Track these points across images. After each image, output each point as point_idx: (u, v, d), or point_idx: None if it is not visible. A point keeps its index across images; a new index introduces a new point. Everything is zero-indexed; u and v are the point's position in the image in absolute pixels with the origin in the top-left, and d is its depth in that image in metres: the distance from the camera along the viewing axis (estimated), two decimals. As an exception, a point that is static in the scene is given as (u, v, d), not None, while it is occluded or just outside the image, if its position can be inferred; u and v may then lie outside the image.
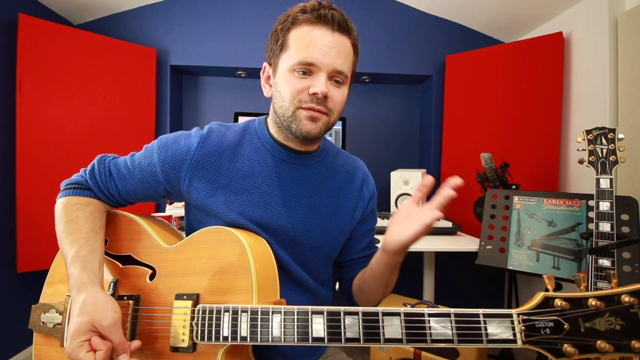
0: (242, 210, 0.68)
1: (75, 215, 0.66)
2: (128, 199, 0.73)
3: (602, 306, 0.43)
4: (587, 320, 0.43)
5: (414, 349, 1.52)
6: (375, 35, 2.23)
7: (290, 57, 0.64)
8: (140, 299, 0.66)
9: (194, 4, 2.16)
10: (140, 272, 0.68)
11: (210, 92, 2.37)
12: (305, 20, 0.63)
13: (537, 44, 1.94)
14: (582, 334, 0.43)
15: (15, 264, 1.67)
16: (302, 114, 0.64)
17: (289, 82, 0.64)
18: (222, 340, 0.56)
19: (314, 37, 0.62)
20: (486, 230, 1.42)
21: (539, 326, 0.44)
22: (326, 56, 0.62)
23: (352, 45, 0.67)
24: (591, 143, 1.10)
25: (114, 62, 1.95)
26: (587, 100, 1.76)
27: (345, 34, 0.65)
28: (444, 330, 0.47)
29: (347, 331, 0.50)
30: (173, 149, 0.68)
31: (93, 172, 0.71)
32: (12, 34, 1.66)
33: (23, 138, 1.67)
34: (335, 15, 0.63)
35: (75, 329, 0.54)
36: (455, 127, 2.20)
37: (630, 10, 1.57)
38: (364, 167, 0.84)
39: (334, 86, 0.65)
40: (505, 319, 0.45)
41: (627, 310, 0.42)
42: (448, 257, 2.33)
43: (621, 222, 1.16)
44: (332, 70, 0.63)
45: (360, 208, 0.79)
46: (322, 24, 0.62)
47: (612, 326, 0.42)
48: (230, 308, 0.56)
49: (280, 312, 0.54)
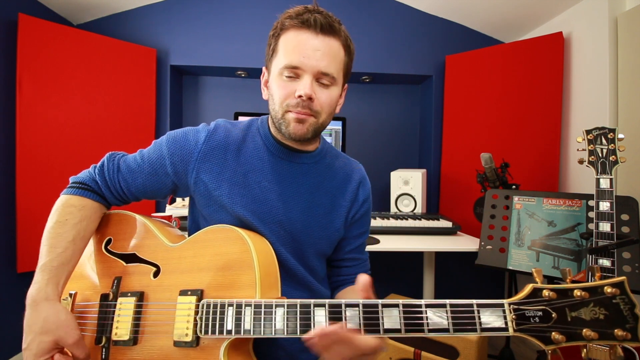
0: (244, 203, 0.70)
1: (66, 219, 0.67)
2: (136, 193, 0.74)
3: (587, 296, 0.46)
4: (574, 309, 0.46)
5: (414, 349, 1.52)
6: (375, 35, 2.23)
7: (279, 62, 0.67)
8: (144, 296, 0.66)
9: (194, 4, 2.16)
10: (144, 269, 0.69)
11: (210, 92, 2.37)
12: (291, 26, 0.66)
13: (537, 44, 1.94)
14: (569, 322, 0.46)
15: (15, 264, 1.67)
16: (290, 117, 0.67)
17: (278, 85, 0.67)
18: (226, 333, 0.57)
19: (299, 41, 0.65)
20: (486, 230, 1.42)
21: (528, 315, 0.47)
22: (310, 59, 0.64)
23: (342, 46, 0.69)
24: (591, 143, 1.10)
25: (114, 62, 1.95)
26: (587, 100, 1.76)
27: (331, 35, 0.66)
28: (440, 320, 0.49)
29: (348, 322, 0.52)
30: (182, 142, 0.72)
31: (102, 169, 0.73)
32: (12, 34, 1.66)
33: (23, 138, 1.68)
34: (318, 19, 0.64)
35: (41, 348, 0.57)
36: (455, 127, 2.20)
37: (630, 10, 1.57)
38: (362, 170, 0.86)
39: (320, 88, 0.67)
40: (497, 308, 0.48)
41: (610, 301, 0.45)
42: (448, 257, 2.33)
43: (621, 222, 1.16)
44: (317, 72, 0.65)
45: (355, 209, 0.81)
46: (306, 28, 0.65)
47: (597, 315, 0.45)
48: (235, 302, 0.58)
49: (283, 306, 0.55)
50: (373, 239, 1.53)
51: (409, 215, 1.85)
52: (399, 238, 1.60)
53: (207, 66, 2.19)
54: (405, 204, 2.02)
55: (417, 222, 1.70)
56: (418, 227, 1.68)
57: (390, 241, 1.52)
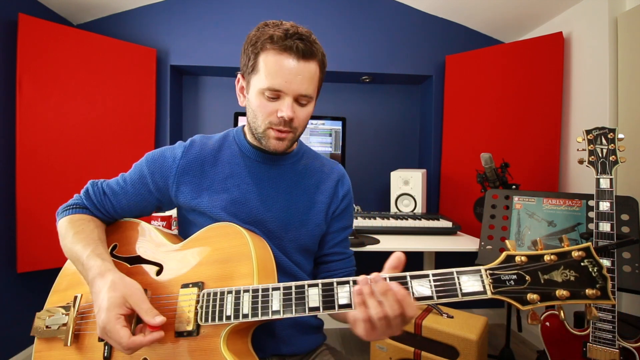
0: (225, 206, 0.75)
1: (82, 228, 0.73)
2: (122, 213, 0.81)
3: (556, 259, 0.50)
4: (545, 272, 0.51)
5: (414, 349, 1.52)
6: (376, 35, 2.23)
7: (260, 81, 0.70)
8: (148, 292, 0.68)
9: (194, 4, 2.16)
10: (147, 269, 0.72)
11: (210, 92, 2.37)
12: (272, 49, 0.68)
13: (537, 44, 1.94)
14: (542, 284, 0.50)
15: (15, 264, 1.67)
16: (271, 134, 0.72)
17: (260, 104, 0.71)
18: (225, 319, 0.59)
19: (281, 66, 0.68)
20: (486, 230, 1.42)
21: (504, 279, 0.52)
22: (292, 83, 0.68)
23: (318, 65, 0.72)
24: (591, 143, 1.10)
25: (114, 62, 1.95)
26: (587, 100, 1.76)
27: (310, 59, 0.70)
28: (424, 289, 0.53)
29: (340, 298, 0.55)
30: (160, 160, 0.78)
31: (88, 194, 0.78)
32: (12, 34, 1.66)
33: (23, 138, 1.67)
34: (299, 46, 0.67)
35: (111, 302, 0.58)
36: (455, 127, 2.21)
37: (630, 10, 1.57)
38: (342, 169, 0.91)
39: (299, 107, 0.72)
40: (475, 274, 0.52)
41: (578, 264, 0.50)
42: (448, 257, 2.32)
43: (621, 222, 1.16)
44: (297, 95, 0.70)
45: (334, 204, 0.85)
46: (287, 53, 0.67)
47: (568, 277, 0.50)
48: (233, 289, 0.61)
49: (279, 288, 0.59)
50: (373, 239, 1.53)
51: (409, 215, 1.85)
52: (399, 238, 1.60)
53: (207, 66, 2.19)
54: (405, 204, 2.02)
55: (417, 222, 1.70)
56: (418, 227, 1.68)
57: (390, 241, 1.52)
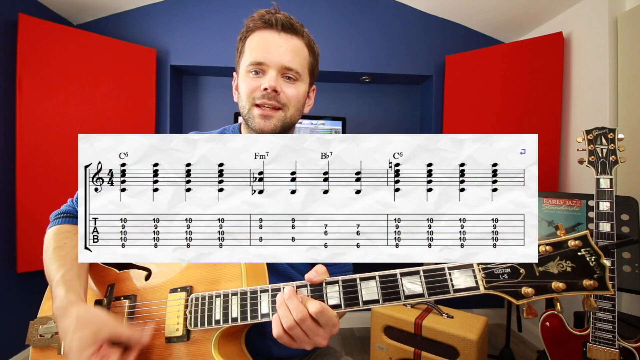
0: None
1: (64, 243, 0.69)
2: None
3: (551, 250, 0.47)
4: (540, 264, 0.48)
5: (413, 349, 1.52)
6: (375, 35, 2.23)
7: (245, 61, 0.72)
8: (137, 298, 0.68)
9: (194, 4, 2.16)
10: (135, 274, 0.71)
11: (210, 92, 2.37)
12: (255, 27, 0.71)
13: (537, 44, 1.94)
14: (537, 277, 0.48)
15: (15, 264, 1.67)
16: (255, 112, 0.71)
17: (245, 81, 0.72)
18: (215, 324, 0.58)
19: (262, 39, 0.70)
20: (486, 230, 1.42)
21: (497, 272, 0.49)
22: (274, 54, 0.69)
23: (305, 46, 0.74)
24: (591, 143, 1.10)
25: (114, 62, 1.95)
26: (587, 100, 1.76)
27: (292, 34, 0.72)
28: (415, 287, 0.51)
29: (330, 299, 0.54)
30: None
31: None
32: (12, 34, 1.66)
33: (23, 138, 1.68)
34: (279, 18, 0.70)
35: (82, 342, 0.53)
36: (455, 127, 2.20)
37: (630, 10, 1.57)
38: None
39: (286, 82, 0.72)
40: (467, 269, 0.50)
41: (575, 254, 0.47)
42: (448, 257, 2.32)
43: (621, 222, 1.16)
44: (281, 67, 0.70)
45: None
46: (269, 27, 0.70)
47: (564, 268, 0.47)
48: (222, 293, 0.60)
49: (267, 290, 0.57)
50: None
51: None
52: (399, 238, 1.60)
53: (207, 66, 2.19)
54: (405, 204, 2.02)
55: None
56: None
57: (390, 241, 1.52)
